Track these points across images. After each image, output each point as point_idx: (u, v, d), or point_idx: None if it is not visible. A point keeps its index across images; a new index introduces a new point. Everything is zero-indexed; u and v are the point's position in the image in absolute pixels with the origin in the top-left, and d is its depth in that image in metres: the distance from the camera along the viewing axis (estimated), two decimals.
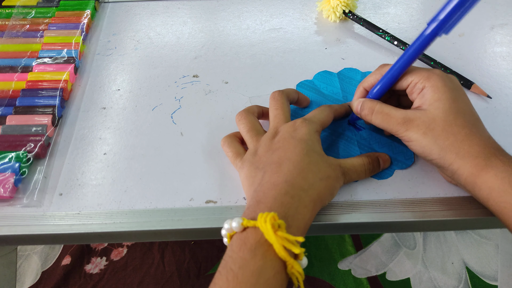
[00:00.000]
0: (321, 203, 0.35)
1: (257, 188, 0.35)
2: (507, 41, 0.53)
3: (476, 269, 0.94)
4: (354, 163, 0.39)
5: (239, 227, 0.31)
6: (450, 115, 0.35)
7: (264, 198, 0.33)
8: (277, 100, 0.41)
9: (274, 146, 0.37)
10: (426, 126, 0.35)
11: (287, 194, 0.33)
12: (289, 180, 0.34)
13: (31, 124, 0.44)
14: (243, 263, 0.29)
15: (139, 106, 0.48)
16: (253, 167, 0.37)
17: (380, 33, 0.53)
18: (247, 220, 0.31)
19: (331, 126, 0.44)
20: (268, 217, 0.30)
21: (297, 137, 0.37)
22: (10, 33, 0.54)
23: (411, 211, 0.38)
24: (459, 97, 0.36)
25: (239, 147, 0.40)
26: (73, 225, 0.38)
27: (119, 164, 0.43)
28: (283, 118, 0.40)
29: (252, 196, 0.34)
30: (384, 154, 0.41)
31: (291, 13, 0.58)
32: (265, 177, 0.35)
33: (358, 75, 0.49)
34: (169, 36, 0.56)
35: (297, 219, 0.32)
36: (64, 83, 0.48)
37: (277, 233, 0.29)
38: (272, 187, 0.33)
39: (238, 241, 0.31)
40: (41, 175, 0.41)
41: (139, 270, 0.95)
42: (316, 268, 0.95)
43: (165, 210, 0.39)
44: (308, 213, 0.33)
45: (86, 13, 0.57)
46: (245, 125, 0.40)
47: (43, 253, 1.00)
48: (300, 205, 0.33)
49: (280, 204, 0.32)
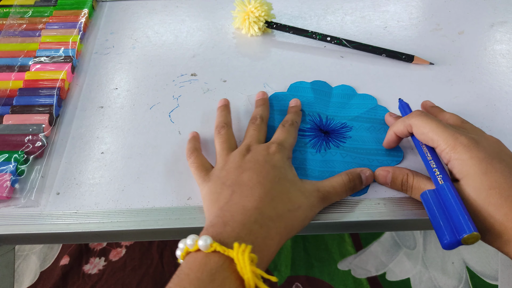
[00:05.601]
0: (288, 235, 0.33)
1: (223, 207, 0.33)
2: (506, 39, 0.53)
3: (476, 269, 0.94)
4: (334, 184, 0.37)
5: (206, 247, 0.29)
6: (481, 193, 0.31)
7: (232, 221, 0.31)
8: (257, 124, 0.41)
9: (245, 165, 0.36)
10: None
11: (256, 223, 0.31)
12: (260, 208, 0.32)
13: (28, 123, 0.44)
14: (200, 285, 0.27)
15: (137, 105, 0.48)
16: (219, 182, 0.36)
17: (310, 34, 0.52)
18: (218, 245, 0.29)
19: None
20: (246, 250, 0.28)
21: (271, 163, 0.36)
22: (7, 32, 0.54)
23: (410, 209, 0.37)
24: (492, 168, 0.31)
25: (205, 160, 0.40)
26: (71, 224, 0.38)
27: (116, 163, 0.42)
28: (257, 139, 0.40)
29: (217, 214, 0.32)
30: (367, 169, 0.39)
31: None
32: (234, 198, 0.33)
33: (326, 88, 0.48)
34: (167, 35, 0.56)
35: (263, 250, 0.31)
36: (61, 82, 0.47)
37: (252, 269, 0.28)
38: (242, 211, 0.32)
39: (198, 261, 0.29)
40: (38, 175, 0.41)
41: (138, 271, 0.95)
42: (316, 268, 0.95)
43: (162, 209, 0.39)
44: (274, 246, 0.32)
45: (84, 12, 0.56)
46: (221, 136, 0.41)
47: (41, 253, 1.00)
48: (268, 236, 0.31)
49: (248, 232, 0.30)
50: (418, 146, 0.38)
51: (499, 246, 0.31)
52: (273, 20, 0.54)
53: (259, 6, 0.52)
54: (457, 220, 0.31)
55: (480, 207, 0.31)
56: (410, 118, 0.37)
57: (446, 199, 0.32)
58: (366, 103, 0.46)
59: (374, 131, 0.43)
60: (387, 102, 0.46)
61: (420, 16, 0.56)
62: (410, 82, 0.48)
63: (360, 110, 0.45)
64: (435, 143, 0.35)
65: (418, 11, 0.57)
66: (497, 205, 0.30)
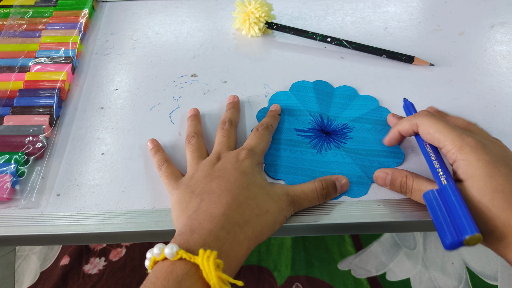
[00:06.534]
0: (257, 240, 0.33)
1: (191, 216, 0.33)
2: (507, 40, 0.53)
3: (476, 269, 0.94)
4: (305, 189, 0.37)
5: (172, 255, 0.29)
6: (486, 195, 0.31)
7: (199, 229, 0.31)
8: (226, 129, 0.42)
9: (214, 173, 0.36)
10: None
11: (223, 229, 0.31)
12: (227, 214, 0.32)
13: (28, 124, 0.44)
14: None
15: (137, 105, 0.48)
16: (188, 191, 0.36)
17: (310, 34, 0.52)
18: (184, 252, 0.29)
19: None
20: (212, 256, 0.28)
21: (240, 169, 0.36)
22: (7, 32, 0.54)
23: (410, 211, 0.37)
24: (498, 172, 0.31)
25: (176, 169, 0.40)
26: (71, 226, 0.38)
27: (117, 164, 0.42)
28: (227, 146, 0.40)
29: (185, 223, 0.33)
30: (343, 177, 0.39)
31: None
32: (202, 206, 0.33)
33: (328, 88, 0.48)
34: (168, 35, 0.56)
35: (230, 256, 0.31)
36: (61, 83, 0.47)
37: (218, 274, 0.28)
38: (209, 218, 0.32)
39: (164, 269, 0.29)
40: (38, 176, 0.41)
41: (138, 271, 0.95)
42: (316, 269, 0.95)
43: (163, 210, 0.39)
44: (242, 251, 0.32)
45: (84, 12, 0.56)
46: (192, 146, 0.41)
47: (41, 253, 1.00)
48: (235, 242, 0.31)
49: (215, 238, 0.31)
50: (422, 146, 0.38)
51: (499, 248, 0.31)
52: (273, 21, 0.54)
53: (259, 7, 0.52)
54: (460, 221, 0.30)
55: (483, 209, 0.31)
56: (417, 117, 0.37)
57: (449, 200, 0.32)
58: (368, 104, 0.46)
59: (376, 132, 0.43)
60: (387, 102, 0.46)
61: (420, 17, 0.56)
62: (410, 83, 0.48)
63: (361, 111, 0.45)
64: (441, 143, 0.34)
65: (418, 12, 0.57)
66: (501, 208, 0.30)
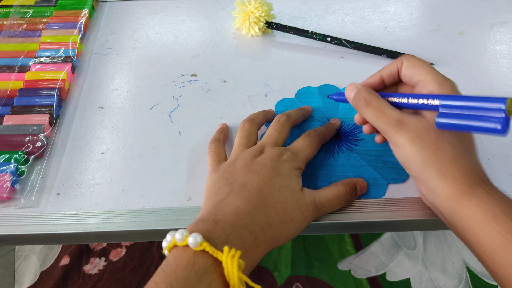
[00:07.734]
0: (273, 245, 0.33)
1: (218, 205, 0.33)
2: (507, 39, 0.53)
3: (476, 269, 0.94)
4: (330, 195, 0.36)
5: (195, 245, 0.28)
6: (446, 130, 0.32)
7: (222, 222, 0.31)
8: (280, 124, 0.40)
9: (253, 166, 0.36)
10: (417, 134, 0.32)
11: (246, 228, 0.31)
12: (252, 213, 0.32)
13: (28, 123, 0.44)
14: (186, 285, 0.27)
15: (137, 105, 0.48)
16: (223, 177, 0.35)
17: (310, 34, 0.52)
18: (208, 245, 0.28)
19: None
20: (236, 256, 0.28)
21: (277, 170, 0.35)
22: (7, 32, 0.54)
23: (410, 210, 0.37)
24: None
25: (223, 151, 0.40)
26: (71, 225, 0.38)
27: (117, 164, 0.42)
28: (274, 141, 0.39)
29: (210, 210, 0.32)
30: (362, 180, 0.39)
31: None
32: (230, 197, 0.33)
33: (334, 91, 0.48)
34: (167, 35, 0.56)
35: (248, 256, 0.31)
36: (61, 82, 0.47)
37: (239, 275, 0.28)
38: (234, 212, 0.32)
39: (185, 258, 0.28)
40: (38, 175, 0.41)
41: (138, 271, 0.95)
42: (316, 269, 0.95)
43: (163, 209, 0.39)
44: (259, 253, 0.31)
45: (84, 12, 0.56)
46: (243, 131, 0.40)
47: (41, 253, 1.00)
48: (255, 243, 0.31)
49: (237, 236, 0.30)
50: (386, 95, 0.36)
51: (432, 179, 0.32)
52: (273, 21, 0.54)
53: (259, 7, 0.52)
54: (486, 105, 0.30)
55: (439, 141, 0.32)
56: (402, 57, 0.36)
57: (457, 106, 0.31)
58: None
59: None
60: None
61: (420, 17, 0.56)
62: None
63: None
64: (422, 76, 0.34)
65: (418, 12, 0.57)
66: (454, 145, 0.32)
